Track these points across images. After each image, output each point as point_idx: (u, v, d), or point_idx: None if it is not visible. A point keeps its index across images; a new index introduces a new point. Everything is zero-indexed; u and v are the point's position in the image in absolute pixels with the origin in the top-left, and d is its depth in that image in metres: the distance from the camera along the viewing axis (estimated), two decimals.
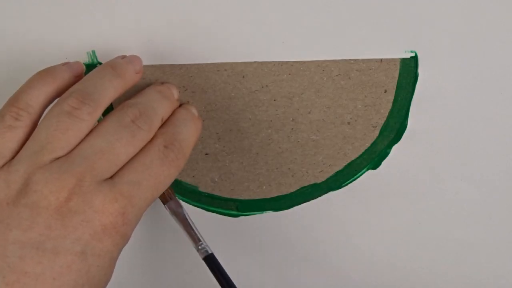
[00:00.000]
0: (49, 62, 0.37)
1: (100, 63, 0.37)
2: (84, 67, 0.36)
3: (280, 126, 0.39)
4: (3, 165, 0.30)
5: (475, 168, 0.40)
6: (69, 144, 0.30)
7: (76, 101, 0.31)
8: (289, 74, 0.38)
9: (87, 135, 0.31)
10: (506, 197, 0.41)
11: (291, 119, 0.39)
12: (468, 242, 0.43)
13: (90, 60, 0.37)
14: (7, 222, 0.29)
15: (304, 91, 0.38)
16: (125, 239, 0.31)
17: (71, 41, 0.37)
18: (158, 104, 0.34)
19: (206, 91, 0.38)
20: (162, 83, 0.37)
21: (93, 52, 0.37)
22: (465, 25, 0.36)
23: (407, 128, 0.39)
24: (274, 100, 0.39)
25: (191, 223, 0.39)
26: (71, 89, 0.32)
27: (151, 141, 0.32)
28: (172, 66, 0.37)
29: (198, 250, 0.38)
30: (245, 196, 0.41)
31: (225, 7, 0.36)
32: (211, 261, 0.38)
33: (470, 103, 0.39)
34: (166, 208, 0.39)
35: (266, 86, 0.38)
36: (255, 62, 0.38)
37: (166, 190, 0.39)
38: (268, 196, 0.41)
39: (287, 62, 0.38)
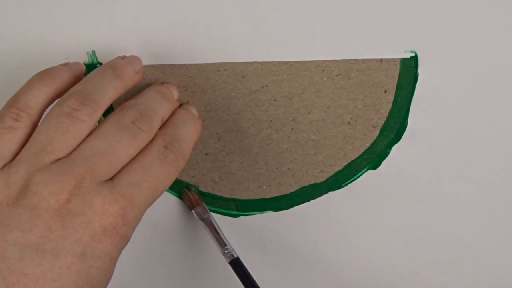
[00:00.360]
0: (49, 62, 0.37)
1: (100, 63, 0.37)
2: (84, 67, 0.35)
3: (280, 126, 0.39)
4: (3, 166, 0.30)
5: (475, 168, 0.40)
6: (69, 145, 0.30)
7: (76, 102, 0.31)
8: (289, 74, 0.38)
9: (87, 136, 0.31)
10: (506, 197, 0.41)
11: (291, 119, 0.39)
12: (468, 242, 0.42)
13: (90, 60, 0.37)
14: (7, 223, 0.29)
15: (304, 91, 0.38)
16: (125, 240, 0.31)
17: (71, 41, 0.37)
18: (158, 104, 0.34)
19: (206, 91, 0.38)
20: (162, 83, 0.37)
21: (93, 52, 0.37)
22: (465, 25, 0.36)
23: (407, 128, 0.39)
24: (274, 100, 0.39)
25: (217, 227, 0.39)
26: (71, 90, 0.32)
27: (151, 141, 0.32)
28: (172, 66, 0.37)
29: (224, 254, 0.39)
30: (245, 196, 0.41)
31: (225, 7, 0.36)
32: (237, 265, 0.38)
33: (470, 103, 0.39)
34: (193, 214, 0.40)
35: (266, 86, 0.38)
36: (255, 62, 0.38)
37: (194, 196, 0.40)
38: (268, 196, 0.41)
39: (287, 62, 0.38)
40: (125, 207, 0.30)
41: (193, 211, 0.40)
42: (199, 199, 0.40)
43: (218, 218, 0.42)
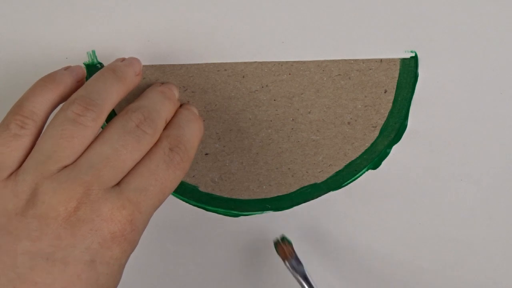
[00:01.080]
0: (49, 62, 0.37)
1: (100, 63, 0.37)
2: (85, 71, 0.35)
3: (280, 126, 0.39)
4: (10, 175, 0.30)
5: (475, 168, 0.40)
6: (75, 152, 0.30)
7: (80, 107, 0.31)
8: (289, 74, 0.38)
9: (92, 142, 0.31)
10: (506, 197, 0.41)
11: (291, 119, 0.39)
12: (468, 242, 0.43)
13: (90, 60, 0.37)
14: (16, 233, 0.29)
15: (304, 91, 0.38)
16: (133, 245, 0.31)
17: (71, 41, 0.37)
18: (161, 106, 0.34)
19: (206, 91, 0.38)
20: (162, 83, 0.37)
21: (93, 52, 0.37)
22: (465, 25, 0.36)
23: (407, 128, 0.39)
24: (274, 100, 0.39)
25: (311, 280, 0.39)
26: (74, 96, 0.32)
27: (156, 144, 0.32)
28: (172, 66, 0.37)
29: None
30: (245, 196, 0.41)
31: (225, 7, 0.36)
32: None
33: (470, 103, 0.39)
34: (286, 265, 0.40)
35: (266, 86, 0.38)
36: (255, 62, 0.38)
37: (287, 248, 0.40)
38: (268, 196, 0.41)
39: (287, 62, 0.38)
40: (133, 212, 0.30)
41: (286, 263, 0.40)
42: (292, 251, 0.40)
43: (218, 218, 0.42)
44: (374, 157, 0.40)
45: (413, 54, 0.37)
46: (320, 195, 0.41)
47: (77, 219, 0.29)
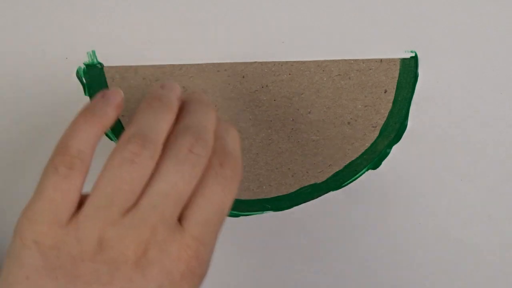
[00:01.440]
0: (49, 62, 0.37)
1: (100, 63, 0.37)
2: (122, 94, 0.34)
3: (280, 126, 0.39)
4: (70, 220, 0.29)
5: (475, 168, 0.40)
6: (135, 194, 0.30)
7: (136, 146, 0.30)
8: (289, 74, 0.38)
9: (150, 178, 0.30)
10: (506, 197, 0.41)
11: (291, 119, 0.39)
12: (468, 242, 0.43)
13: (90, 60, 0.37)
14: (85, 278, 0.29)
15: (304, 91, 0.38)
16: (202, 277, 0.31)
17: (71, 41, 0.37)
18: (207, 119, 0.32)
19: (206, 91, 0.38)
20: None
21: (93, 52, 0.37)
22: (465, 25, 0.36)
23: (407, 128, 0.39)
24: (274, 100, 0.39)
25: None
26: (128, 134, 0.30)
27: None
28: (172, 66, 0.37)
29: None
30: (245, 196, 0.41)
31: (225, 7, 0.36)
32: None
33: (470, 103, 0.39)
34: None
35: (266, 86, 0.38)
36: (255, 62, 0.38)
37: None
38: (268, 196, 0.41)
39: (287, 62, 0.38)
40: (198, 249, 0.30)
41: None
42: None
43: None
44: (374, 157, 0.40)
45: (413, 54, 0.37)
46: (320, 195, 0.41)
47: (146, 261, 0.29)
